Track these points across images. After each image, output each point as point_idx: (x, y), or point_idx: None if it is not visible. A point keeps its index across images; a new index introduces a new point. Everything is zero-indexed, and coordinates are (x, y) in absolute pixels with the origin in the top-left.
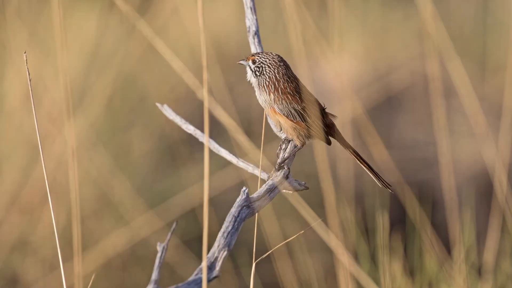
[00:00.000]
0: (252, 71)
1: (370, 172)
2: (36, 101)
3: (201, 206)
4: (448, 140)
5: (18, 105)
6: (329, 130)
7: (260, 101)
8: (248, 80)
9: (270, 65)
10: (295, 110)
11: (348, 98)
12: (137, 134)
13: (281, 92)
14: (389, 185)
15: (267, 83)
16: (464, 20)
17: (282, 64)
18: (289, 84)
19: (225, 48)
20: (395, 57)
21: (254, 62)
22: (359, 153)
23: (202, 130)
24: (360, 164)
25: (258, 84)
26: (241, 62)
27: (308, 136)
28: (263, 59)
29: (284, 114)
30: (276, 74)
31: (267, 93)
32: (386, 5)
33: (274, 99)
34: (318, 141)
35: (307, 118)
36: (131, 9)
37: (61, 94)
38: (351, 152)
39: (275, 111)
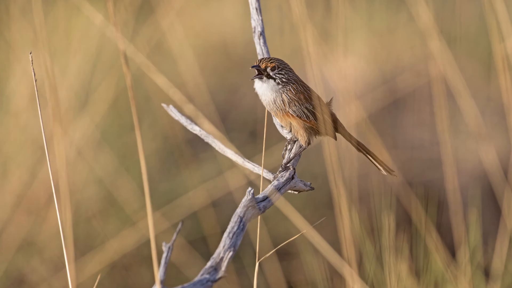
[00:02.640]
0: (275, 79)
1: (374, 159)
2: (41, 102)
3: (206, 206)
4: (453, 141)
5: (24, 105)
6: (334, 124)
7: (269, 108)
8: (257, 87)
9: (291, 71)
10: (308, 109)
11: (353, 99)
12: (142, 135)
13: (294, 95)
14: (392, 170)
15: (294, 88)
16: (469, 19)
17: (290, 67)
18: (299, 85)
19: (231, 48)
20: (400, 58)
21: (273, 69)
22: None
23: (207, 131)
24: (363, 153)
25: (282, 92)
26: (255, 73)
27: (318, 134)
28: (283, 65)
29: (297, 116)
30: (296, 79)
31: (288, 98)
32: (392, 6)
33: (289, 103)
34: (325, 141)
35: (319, 116)
36: (130, 18)
37: (67, 94)
38: (353, 143)
39: (288, 115)
